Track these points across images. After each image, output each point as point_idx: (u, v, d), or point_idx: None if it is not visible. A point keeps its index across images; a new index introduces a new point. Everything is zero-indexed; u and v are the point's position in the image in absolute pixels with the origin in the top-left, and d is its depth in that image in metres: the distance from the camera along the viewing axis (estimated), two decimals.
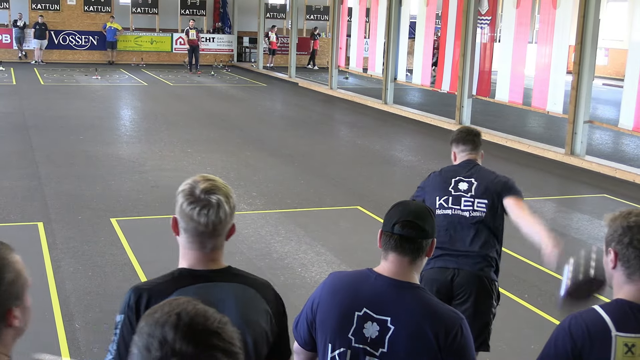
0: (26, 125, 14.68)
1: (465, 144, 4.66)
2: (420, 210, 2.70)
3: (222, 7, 32.52)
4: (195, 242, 2.42)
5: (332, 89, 22.54)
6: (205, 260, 2.44)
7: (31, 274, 6.37)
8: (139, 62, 29.03)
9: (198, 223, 2.37)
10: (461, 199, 4.47)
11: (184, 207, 2.38)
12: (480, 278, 4.33)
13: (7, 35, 27.85)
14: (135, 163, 11.64)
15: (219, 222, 2.39)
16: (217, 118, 16.93)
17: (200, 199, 2.37)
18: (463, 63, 16.31)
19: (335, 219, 9.18)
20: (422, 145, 14.86)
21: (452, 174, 4.59)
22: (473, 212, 4.42)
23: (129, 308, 2.36)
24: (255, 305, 2.43)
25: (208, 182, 2.41)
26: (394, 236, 2.65)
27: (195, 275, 2.41)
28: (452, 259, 4.35)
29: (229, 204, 2.41)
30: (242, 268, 6.79)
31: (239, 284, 2.45)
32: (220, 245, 2.46)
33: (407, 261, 2.65)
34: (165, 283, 2.40)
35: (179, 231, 2.44)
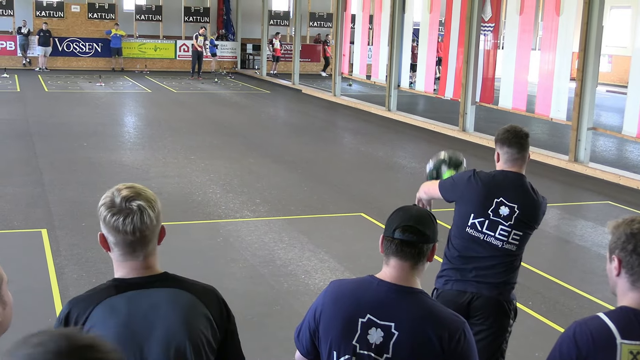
0: (30, 132, 14.71)
1: (510, 147, 4.29)
2: (421, 215, 2.70)
3: (226, 14, 32.59)
4: (127, 253, 2.38)
5: (335, 95, 22.55)
6: (139, 268, 2.40)
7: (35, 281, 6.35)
8: (142, 69, 29.08)
9: (125, 233, 2.33)
10: (498, 226, 4.18)
11: (107, 219, 2.34)
12: (499, 302, 4.16)
13: (12, 42, 27.94)
14: (138, 170, 11.65)
15: (145, 228, 2.35)
16: (220, 125, 16.95)
17: (122, 208, 2.33)
18: (466, 70, 16.31)
19: (339, 225, 9.18)
20: (425, 152, 14.84)
21: (496, 191, 4.22)
22: (506, 244, 4.17)
23: (59, 322, 2.36)
24: (193, 309, 2.38)
25: (127, 189, 2.37)
26: (395, 241, 2.64)
27: (128, 284, 2.38)
28: (472, 283, 4.17)
29: (152, 208, 2.37)
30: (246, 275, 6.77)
31: (174, 289, 2.40)
32: (152, 251, 2.42)
33: (409, 266, 2.65)
34: (96, 294, 2.38)
35: (109, 247, 2.41)
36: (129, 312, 2.33)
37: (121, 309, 2.33)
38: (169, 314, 2.34)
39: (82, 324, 2.31)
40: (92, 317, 2.32)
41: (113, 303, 2.34)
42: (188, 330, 2.35)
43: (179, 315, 2.35)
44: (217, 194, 10.29)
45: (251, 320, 5.92)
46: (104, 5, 29.31)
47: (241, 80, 27.83)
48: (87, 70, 28.39)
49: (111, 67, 28.91)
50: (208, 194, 10.24)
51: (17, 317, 6.60)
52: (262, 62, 29.21)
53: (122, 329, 2.30)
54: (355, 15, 22.64)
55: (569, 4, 13.94)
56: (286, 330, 5.77)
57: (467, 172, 4.41)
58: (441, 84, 17.80)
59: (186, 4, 30.71)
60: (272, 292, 6.83)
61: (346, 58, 22.67)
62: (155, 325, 2.33)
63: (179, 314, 2.36)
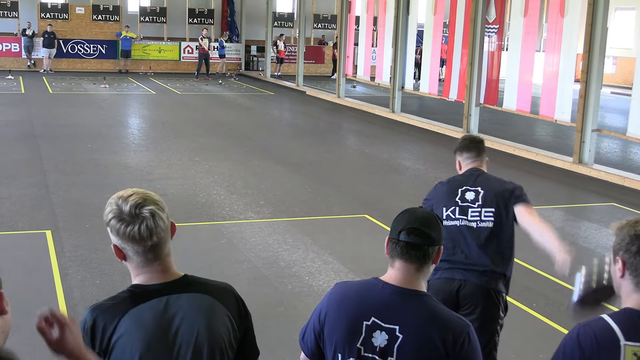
0: (34, 133, 14.74)
1: (469, 152, 4.61)
2: (427, 217, 2.70)
3: (230, 16, 32.63)
4: (146, 260, 2.37)
5: (339, 97, 22.56)
6: (157, 273, 2.40)
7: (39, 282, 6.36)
8: (147, 70, 29.13)
9: (143, 240, 2.32)
10: (468, 210, 4.39)
11: (121, 230, 2.32)
12: (487, 290, 4.26)
13: (16, 44, 28.00)
14: (143, 171, 11.66)
15: (160, 231, 2.36)
16: (224, 126, 16.96)
17: (134, 216, 2.32)
18: (470, 71, 16.30)
19: (343, 227, 9.18)
20: (429, 154, 14.85)
21: (459, 184, 4.51)
22: (480, 223, 4.36)
23: (85, 332, 2.35)
24: (214, 312, 2.40)
25: (131, 196, 2.35)
26: (400, 243, 2.65)
27: (149, 291, 2.38)
28: (459, 271, 4.29)
29: (161, 209, 2.37)
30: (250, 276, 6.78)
31: (195, 293, 2.41)
32: (168, 252, 2.43)
33: (414, 268, 2.65)
34: (119, 304, 2.37)
35: (124, 256, 2.39)
36: (154, 321, 2.34)
37: (147, 319, 2.33)
38: (193, 320, 2.35)
39: (111, 334, 2.32)
40: (120, 328, 2.32)
41: (138, 313, 2.34)
42: (212, 334, 2.37)
43: (202, 319, 2.37)
44: (221, 196, 10.29)
45: (255, 322, 5.88)
46: (109, 7, 29.36)
47: (245, 82, 27.85)
48: (91, 72, 28.44)
49: (118, 69, 28.96)
50: (212, 196, 10.24)
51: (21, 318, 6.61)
52: (266, 64, 29.24)
53: (149, 340, 2.32)
54: (360, 17, 22.64)
55: (574, 5, 13.93)
56: (290, 332, 5.77)
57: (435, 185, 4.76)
58: (445, 86, 17.79)
59: (190, 5, 30.75)
60: (276, 294, 6.84)
61: (350, 60, 22.67)
62: (180, 332, 2.35)
63: (202, 318, 2.37)
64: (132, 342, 2.30)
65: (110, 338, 2.31)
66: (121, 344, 2.31)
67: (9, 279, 7.08)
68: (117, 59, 29.19)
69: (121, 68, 28.97)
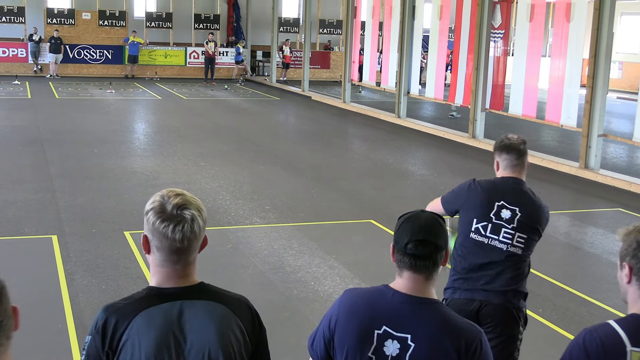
0: (41, 138, 14.78)
1: (509, 153, 4.32)
2: (432, 225, 2.65)
3: (236, 21, 32.70)
4: (169, 260, 2.37)
5: (345, 102, 22.57)
6: (176, 277, 2.39)
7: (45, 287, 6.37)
8: (153, 76, 29.20)
9: (173, 240, 2.32)
10: (501, 229, 4.21)
11: (156, 225, 2.32)
12: (507, 309, 4.16)
13: (23, 49, 28.09)
14: (148, 177, 11.68)
15: (194, 237, 2.35)
16: (230, 131, 16.98)
17: (173, 216, 2.32)
18: (476, 77, 16.30)
19: (348, 232, 9.18)
20: (435, 159, 14.84)
21: (496, 196, 4.28)
22: (511, 247, 4.21)
23: (96, 330, 2.34)
24: (227, 322, 2.39)
25: (178, 197, 2.35)
26: (408, 255, 2.62)
27: (164, 294, 2.37)
28: (479, 292, 4.18)
29: (202, 218, 2.37)
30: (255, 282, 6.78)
31: (209, 301, 2.40)
32: (193, 260, 2.42)
33: (423, 278, 2.63)
34: (133, 304, 2.36)
35: (150, 249, 2.39)
36: (165, 324, 2.33)
37: (158, 321, 2.33)
38: (204, 327, 2.35)
39: (121, 334, 2.32)
40: (131, 327, 2.32)
41: (150, 314, 2.33)
42: (222, 344, 2.35)
43: (213, 328, 2.36)
44: (227, 201, 10.30)
45: None
46: (115, 13, 29.45)
47: (251, 87, 27.89)
48: (97, 77, 28.52)
49: (124, 74, 29.04)
50: (218, 201, 10.25)
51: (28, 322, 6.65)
52: (272, 69, 29.28)
53: (159, 341, 2.31)
54: (365, 22, 22.67)
55: (579, 10, 13.92)
56: (296, 337, 5.77)
57: (467, 181, 4.50)
58: (451, 91, 17.79)
59: (196, 11, 30.82)
60: (282, 299, 6.84)
61: (356, 65, 22.69)
62: (190, 338, 2.34)
63: (214, 327, 2.36)
64: (141, 343, 2.30)
65: (120, 338, 2.31)
66: (130, 344, 2.31)
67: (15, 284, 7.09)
68: (123, 64, 29.25)
69: (127, 73, 29.05)
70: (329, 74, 31.68)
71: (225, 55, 30.73)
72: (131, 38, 28.69)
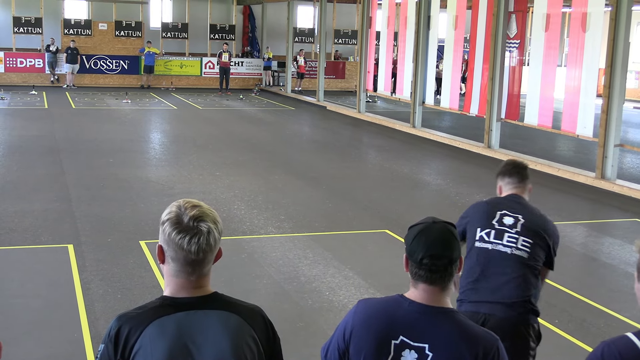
0: (57, 148, 14.87)
1: (511, 177, 4.45)
2: (445, 237, 2.64)
3: (251, 32, 32.82)
4: (183, 271, 2.37)
5: (360, 112, 22.58)
6: (190, 287, 2.39)
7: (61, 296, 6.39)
8: (169, 86, 29.32)
9: (189, 252, 2.32)
10: (504, 234, 4.22)
11: (172, 236, 2.32)
12: (514, 324, 4.07)
13: (40, 59, 28.31)
14: (164, 186, 11.71)
15: (209, 250, 2.35)
16: (245, 141, 17.02)
17: (189, 227, 2.32)
18: (492, 86, 16.27)
19: (363, 242, 9.16)
20: (450, 169, 14.81)
21: (499, 207, 4.35)
22: (516, 250, 4.17)
23: (109, 339, 2.34)
24: (240, 332, 2.38)
25: (195, 208, 2.35)
26: (423, 268, 2.61)
27: (178, 304, 2.37)
28: (484, 304, 4.12)
29: (218, 230, 2.37)
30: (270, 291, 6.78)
31: (223, 311, 2.39)
32: (207, 271, 2.42)
33: (439, 289, 2.63)
34: (146, 313, 2.36)
35: (164, 260, 2.39)
36: (178, 333, 2.33)
37: (171, 331, 2.33)
38: (217, 337, 2.34)
39: (133, 343, 2.32)
40: (144, 336, 2.31)
41: (163, 323, 2.33)
42: (235, 354, 2.34)
43: (226, 338, 2.35)
44: (242, 210, 10.31)
45: None
46: (131, 23, 29.63)
47: (266, 97, 27.95)
48: (113, 87, 28.68)
49: (140, 84, 29.18)
50: (233, 210, 10.27)
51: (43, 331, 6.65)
52: (287, 79, 29.35)
53: (171, 351, 2.31)
54: (380, 32, 22.68)
55: (596, 20, 13.87)
56: (311, 347, 5.76)
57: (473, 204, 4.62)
58: (466, 101, 17.76)
59: (212, 21, 30.97)
60: (296, 309, 6.83)
61: (371, 75, 22.70)
62: (203, 348, 2.34)
63: (227, 337, 2.35)
64: (153, 352, 2.29)
65: (132, 347, 2.31)
66: (142, 353, 2.30)
67: (32, 293, 7.14)
68: (139, 75, 29.41)
69: (143, 83, 29.20)
70: (343, 84, 31.71)
71: (240, 65, 30.83)
72: (147, 48, 28.86)
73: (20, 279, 7.34)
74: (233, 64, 29.71)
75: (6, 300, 6.62)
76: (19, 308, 6.52)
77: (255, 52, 32.49)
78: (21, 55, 28.22)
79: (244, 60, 31.30)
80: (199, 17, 30.74)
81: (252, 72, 31.20)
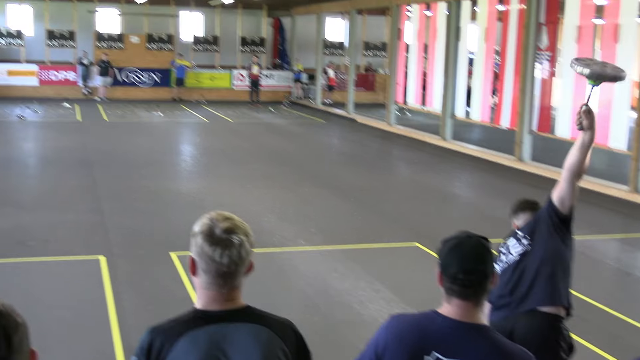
0: (90, 160, 15.02)
1: (524, 212, 4.45)
2: (478, 251, 2.62)
3: (281, 44, 32.96)
4: (215, 283, 2.38)
5: (389, 125, 22.55)
6: (221, 300, 2.40)
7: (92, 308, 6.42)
8: (199, 98, 29.52)
9: (220, 264, 2.34)
10: (509, 247, 4.24)
11: (204, 248, 2.34)
12: (541, 334, 3.98)
13: (73, 72, 28.65)
14: (195, 198, 11.78)
15: (241, 263, 2.37)
16: (275, 154, 17.07)
17: (221, 240, 2.34)
18: (523, 99, 16.17)
19: (393, 255, 9.13)
20: (481, 182, 14.72)
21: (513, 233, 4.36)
22: (516, 248, 4.18)
23: (142, 351, 2.36)
24: (271, 345, 2.38)
25: (227, 221, 2.38)
26: (457, 283, 2.60)
27: (210, 316, 2.39)
28: (510, 317, 4.03)
29: (249, 242, 2.39)
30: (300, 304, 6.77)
31: (254, 324, 2.40)
32: (239, 284, 2.43)
33: (473, 304, 2.61)
34: (178, 325, 2.38)
35: (196, 272, 2.41)
36: (210, 346, 2.34)
37: (203, 344, 2.34)
38: (249, 351, 2.35)
39: (165, 355, 2.34)
40: (176, 349, 2.33)
41: (195, 336, 2.35)
42: None
43: (258, 351, 2.36)
44: (272, 223, 10.33)
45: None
46: (162, 36, 29.92)
47: (296, 110, 28.03)
48: (145, 100, 28.93)
49: (171, 97, 29.38)
50: (263, 223, 10.28)
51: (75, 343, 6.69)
52: (317, 92, 29.41)
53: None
54: (410, 45, 22.67)
55: (628, 31, 13.74)
56: None
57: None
58: (497, 113, 17.66)
59: (242, 33, 31.16)
60: (326, 322, 6.81)
61: (400, 87, 22.67)
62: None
63: (258, 350, 2.36)
64: None
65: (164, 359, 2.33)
66: None
67: (64, 304, 7.20)
68: (170, 87, 29.64)
69: (174, 96, 29.42)
70: (373, 96, 31.68)
71: (270, 77, 30.97)
72: (177, 61, 29.09)
73: (53, 290, 7.41)
74: (263, 77, 29.91)
75: (39, 310, 6.69)
76: (52, 319, 6.58)
77: (285, 65, 32.60)
78: (54, 69, 28.60)
79: (274, 72, 31.44)
80: (230, 29, 30.95)
81: (282, 84, 31.31)
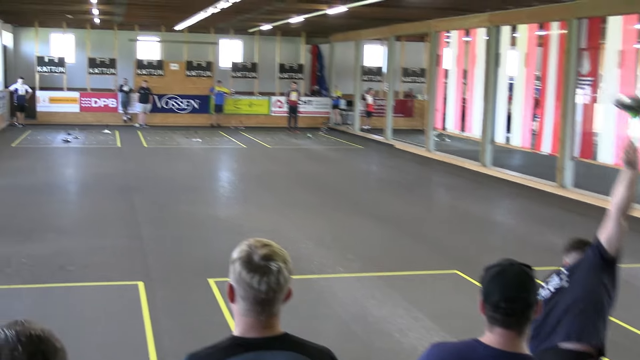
0: (129, 186, 15.13)
1: (575, 251, 4.41)
2: (521, 279, 2.56)
3: (320, 71, 33.09)
4: (253, 310, 2.35)
5: (429, 150, 22.42)
6: (259, 327, 2.37)
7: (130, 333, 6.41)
8: (238, 124, 29.69)
9: (258, 291, 2.31)
10: (549, 282, 4.17)
11: (242, 275, 2.32)
12: None
13: (114, 99, 29.05)
14: (233, 224, 11.77)
15: (279, 290, 2.34)
16: (313, 180, 17.05)
17: (260, 267, 2.31)
18: (564, 124, 15.96)
19: (433, 283, 9.00)
20: (521, 209, 14.51)
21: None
22: (553, 283, 4.10)
23: None
24: None
25: (266, 247, 2.36)
26: (500, 312, 2.53)
27: (248, 343, 2.35)
28: (539, 351, 3.92)
29: (288, 269, 2.36)
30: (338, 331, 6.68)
31: (292, 352, 2.36)
32: (277, 311, 2.40)
33: (516, 333, 2.54)
34: (216, 352, 2.35)
35: (234, 299, 2.38)
36: None
37: None
38: None
39: None
40: None
41: None
42: None
43: None
44: (310, 249, 10.27)
45: None
46: (202, 63, 30.23)
47: (334, 136, 28.04)
48: (184, 126, 29.19)
49: (210, 123, 29.61)
50: (301, 250, 10.23)
51: None
52: (355, 117, 29.42)
53: None
54: (449, 70, 22.59)
55: None
56: None
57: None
58: (538, 139, 17.46)
59: (281, 60, 31.36)
60: (365, 350, 6.71)
61: (440, 113, 22.57)
62: None
63: None
64: None
65: None
66: None
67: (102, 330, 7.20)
68: (209, 114, 29.88)
69: (213, 122, 29.64)
70: (412, 122, 31.58)
71: (308, 104, 31.07)
72: (217, 88, 29.35)
73: (92, 315, 7.42)
74: (301, 103, 30.03)
75: (78, 335, 6.69)
76: (90, 344, 6.57)
77: (324, 91, 32.70)
78: (95, 95, 29.04)
79: (312, 99, 31.54)
80: (268, 56, 31.19)
81: (320, 110, 31.39)
